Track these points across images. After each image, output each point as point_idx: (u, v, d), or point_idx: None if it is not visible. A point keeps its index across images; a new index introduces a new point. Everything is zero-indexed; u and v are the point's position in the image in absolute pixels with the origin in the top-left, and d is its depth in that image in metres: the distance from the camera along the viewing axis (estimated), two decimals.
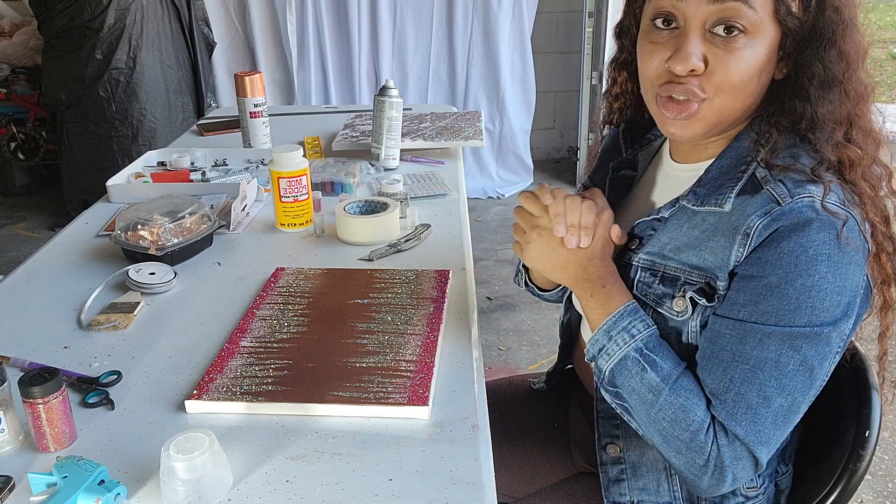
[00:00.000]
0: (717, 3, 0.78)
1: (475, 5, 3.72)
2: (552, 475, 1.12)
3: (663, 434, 0.83)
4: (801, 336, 0.78)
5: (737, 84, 0.81)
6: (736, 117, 0.85)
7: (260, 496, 0.76)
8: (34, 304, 1.17)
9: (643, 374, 0.83)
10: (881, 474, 1.98)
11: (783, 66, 0.84)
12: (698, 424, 0.80)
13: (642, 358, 0.84)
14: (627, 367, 0.85)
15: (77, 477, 0.73)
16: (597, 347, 0.88)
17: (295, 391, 0.90)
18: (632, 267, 0.91)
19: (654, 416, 0.82)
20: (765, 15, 0.79)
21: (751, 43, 0.79)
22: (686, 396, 0.81)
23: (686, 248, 0.86)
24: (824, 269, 0.76)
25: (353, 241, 1.34)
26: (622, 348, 0.85)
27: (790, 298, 0.77)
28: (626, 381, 0.85)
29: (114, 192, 1.60)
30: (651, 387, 0.83)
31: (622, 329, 0.86)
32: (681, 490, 0.94)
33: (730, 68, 0.80)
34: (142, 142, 3.40)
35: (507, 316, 2.80)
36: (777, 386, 0.78)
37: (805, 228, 0.76)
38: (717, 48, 0.80)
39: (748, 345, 0.79)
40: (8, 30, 4.02)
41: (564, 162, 4.43)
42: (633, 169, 1.04)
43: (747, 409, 0.79)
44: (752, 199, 0.81)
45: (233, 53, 3.80)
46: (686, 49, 0.80)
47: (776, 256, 0.77)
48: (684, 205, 0.87)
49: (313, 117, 2.37)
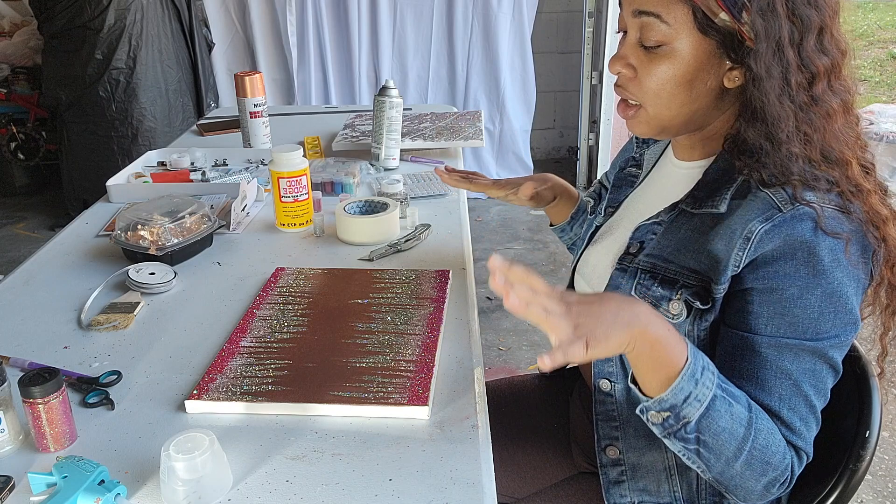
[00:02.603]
0: (637, 17, 0.84)
1: (475, 5, 3.72)
2: (552, 475, 1.12)
3: (752, 463, 0.79)
4: (829, 346, 0.80)
5: (659, 91, 0.85)
6: (681, 122, 0.87)
7: (260, 496, 0.76)
8: (34, 304, 1.17)
9: (732, 411, 0.78)
10: (881, 474, 1.98)
11: (736, 74, 0.83)
12: (784, 443, 0.81)
13: (725, 393, 0.78)
14: (716, 407, 0.77)
15: (77, 477, 0.73)
16: (681, 396, 0.76)
17: (295, 391, 0.89)
18: (632, 270, 0.91)
19: (747, 448, 0.78)
20: (682, 27, 0.81)
21: (672, 54, 0.83)
22: (767, 418, 0.80)
23: (685, 250, 0.86)
24: (840, 274, 0.78)
25: (353, 241, 1.34)
26: (710, 389, 0.77)
27: (813, 307, 0.78)
28: (713, 424, 0.77)
29: (114, 192, 1.60)
30: (741, 420, 0.78)
31: (703, 368, 0.77)
32: (681, 490, 0.94)
33: (650, 75, 0.85)
34: (142, 142, 3.40)
35: (507, 316, 2.80)
36: (816, 392, 0.82)
37: (815, 236, 0.77)
38: (643, 58, 0.85)
39: (786, 360, 0.80)
40: (8, 30, 4.03)
41: (564, 162, 4.43)
42: (639, 167, 1.07)
43: (801, 420, 0.81)
44: (751, 202, 0.81)
45: (233, 53, 3.80)
46: (616, 53, 0.89)
47: (793, 268, 0.78)
48: (683, 208, 0.88)
49: (313, 117, 2.37)
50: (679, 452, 0.81)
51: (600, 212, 1.08)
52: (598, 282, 0.99)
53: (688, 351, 0.77)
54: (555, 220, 1.34)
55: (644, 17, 0.82)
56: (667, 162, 1.01)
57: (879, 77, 5.66)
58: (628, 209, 1.03)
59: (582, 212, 1.29)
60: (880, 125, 3.63)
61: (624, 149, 1.15)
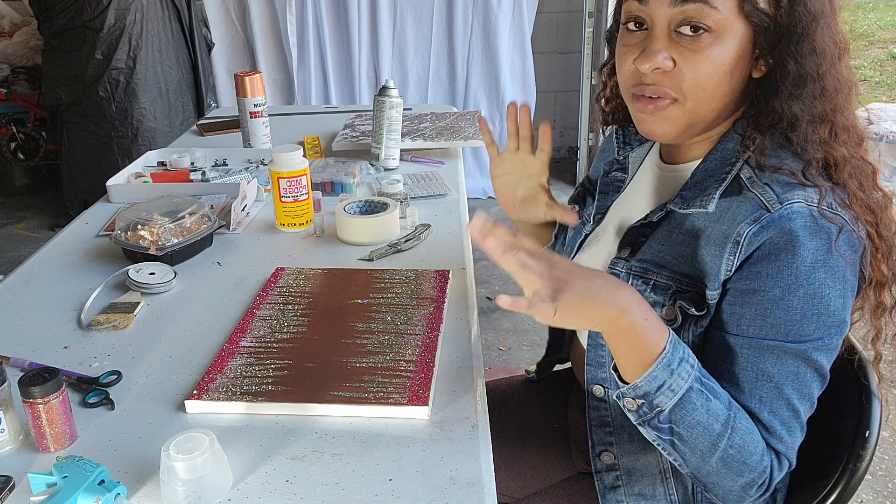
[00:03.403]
0: (678, 5, 0.79)
1: (475, 5, 3.72)
2: (552, 475, 1.12)
3: (727, 461, 0.79)
4: (813, 348, 0.79)
5: (706, 84, 0.81)
6: (712, 118, 0.85)
7: (260, 496, 0.76)
8: (34, 304, 1.17)
9: (708, 405, 0.77)
10: (881, 474, 1.98)
11: (761, 63, 0.83)
12: (763, 444, 0.80)
13: (703, 388, 0.78)
14: (692, 400, 0.77)
15: (77, 477, 0.73)
16: (655, 384, 0.77)
17: (295, 391, 0.90)
18: (623, 275, 0.90)
19: (722, 446, 0.78)
20: (729, 13, 0.79)
21: (717, 42, 0.79)
22: (747, 419, 0.80)
23: (678, 255, 0.86)
24: (823, 276, 0.77)
25: (353, 241, 1.34)
26: (686, 381, 0.77)
27: (795, 309, 0.77)
28: (688, 416, 0.77)
29: (114, 192, 1.60)
30: (717, 416, 0.77)
31: (681, 360, 0.77)
32: (676, 493, 0.93)
33: (697, 68, 0.80)
34: (142, 142, 3.41)
35: (507, 316, 2.80)
36: (799, 396, 0.80)
37: (799, 237, 0.76)
38: (684, 48, 0.80)
39: (767, 362, 0.79)
40: (8, 30, 4.03)
41: (564, 162, 4.42)
42: (624, 171, 1.04)
43: (782, 424, 0.80)
44: (740, 204, 0.80)
45: (233, 53, 3.80)
46: (650, 48, 0.81)
47: (776, 269, 0.77)
48: (672, 209, 0.87)
49: (313, 117, 2.37)
50: (654, 442, 0.81)
51: (588, 219, 1.07)
52: None
53: (667, 341, 0.76)
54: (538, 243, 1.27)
55: (689, 4, 0.78)
56: (651, 164, 1.00)
57: (879, 77, 5.66)
58: (615, 214, 1.01)
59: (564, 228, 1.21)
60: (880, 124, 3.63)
61: (603, 150, 1.11)
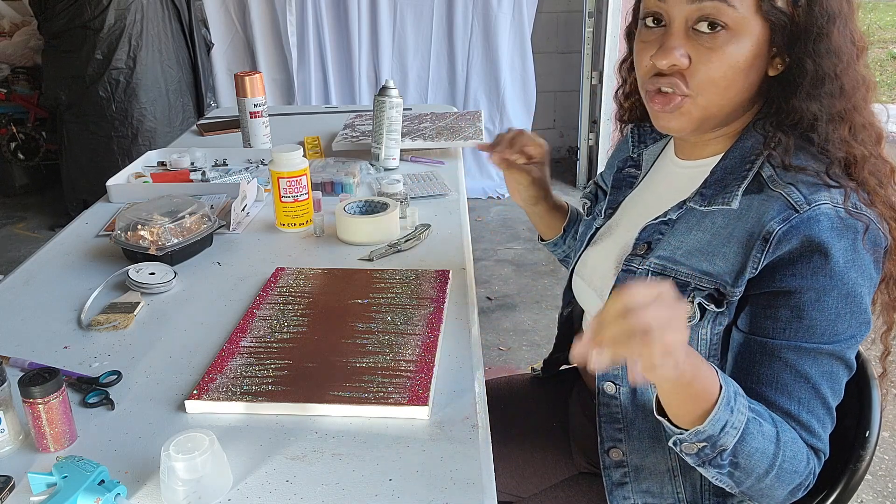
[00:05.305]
0: (696, 2, 0.80)
1: (475, 5, 3.72)
2: (552, 475, 1.12)
3: (781, 475, 0.79)
4: (846, 347, 0.81)
5: (719, 81, 0.82)
6: (726, 113, 0.86)
7: (260, 496, 0.76)
8: (34, 304, 1.17)
9: (762, 430, 0.77)
10: (881, 474, 1.98)
11: (777, 61, 0.84)
12: (806, 448, 0.81)
13: (753, 413, 0.77)
14: (750, 430, 0.76)
15: (77, 477, 0.73)
16: (718, 426, 0.74)
17: (295, 391, 0.89)
18: (641, 272, 0.90)
19: (778, 463, 0.78)
20: (747, 11, 0.79)
21: (734, 39, 0.80)
22: (788, 428, 0.80)
23: (697, 252, 0.85)
24: (854, 275, 0.78)
25: (353, 241, 1.34)
26: (744, 414, 0.76)
27: (830, 309, 0.78)
28: (747, 446, 0.76)
29: (114, 192, 1.60)
30: (769, 437, 0.77)
31: (735, 393, 0.76)
32: (684, 491, 0.93)
33: (713, 65, 0.81)
34: (142, 142, 3.40)
35: (507, 316, 2.80)
36: (833, 392, 0.82)
37: (829, 239, 0.77)
38: (701, 45, 0.81)
39: (805, 364, 0.80)
40: (8, 30, 4.02)
41: (564, 162, 4.43)
42: (638, 168, 1.05)
43: (818, 421, 0.81)
44: (763, 202, 0.81)
45: (233, 53, 3.80)
46: (667, 44, 0.82)
47: (809, 271, 0.78)
48: (692, 206, 0.87)
49: (313, 117, 2.37)
50: (713, 478, 0.81)
51: (599, 213, 1.08)
52: (600, 283, 0.99)
53: (719, 377, 0.75)
54: (546, 235, 1.29)
55: (707, 2, 0.79)
56: (667, 161, 1.00)
57: (879, 77, 5.67)
58: (628, 210, 1.02)
59: (573, 223, 1.25)
60: None
61: (618, 148, 1.13)
